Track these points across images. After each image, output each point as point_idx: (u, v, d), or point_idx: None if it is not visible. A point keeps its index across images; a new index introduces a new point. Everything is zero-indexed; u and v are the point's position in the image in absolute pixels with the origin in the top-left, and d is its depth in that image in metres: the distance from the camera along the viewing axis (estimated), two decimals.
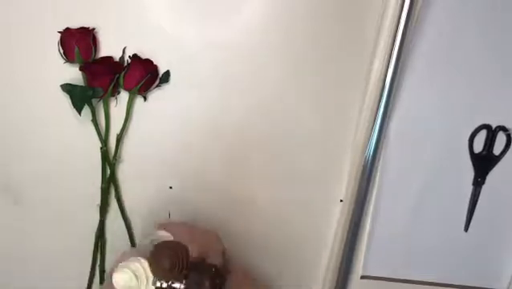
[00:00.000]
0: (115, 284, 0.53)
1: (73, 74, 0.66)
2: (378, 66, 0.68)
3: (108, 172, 0.72)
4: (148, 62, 0.66)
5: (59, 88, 0.65)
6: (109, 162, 0.71)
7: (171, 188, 0.75)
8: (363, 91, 0.71)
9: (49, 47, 0.65)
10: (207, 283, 0.53)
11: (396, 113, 0.71)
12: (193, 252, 0.56)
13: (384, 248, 0.78)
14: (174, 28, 0.66)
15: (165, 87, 0.69)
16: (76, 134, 0.70)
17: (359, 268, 0.79)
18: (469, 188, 0.76)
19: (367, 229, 0.77)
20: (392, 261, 0.79)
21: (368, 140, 0.71)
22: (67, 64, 0.65)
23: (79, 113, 0.65)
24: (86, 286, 0.78)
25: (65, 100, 0.67)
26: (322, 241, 0.80)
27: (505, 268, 0.81)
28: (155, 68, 0.67)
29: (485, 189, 0.76)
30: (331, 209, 0.78)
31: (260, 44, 0.68)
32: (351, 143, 0.73)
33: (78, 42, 0.63)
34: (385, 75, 0.67)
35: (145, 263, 0.54)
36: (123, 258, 0.56)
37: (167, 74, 0.68)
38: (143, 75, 0.66)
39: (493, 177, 0.75)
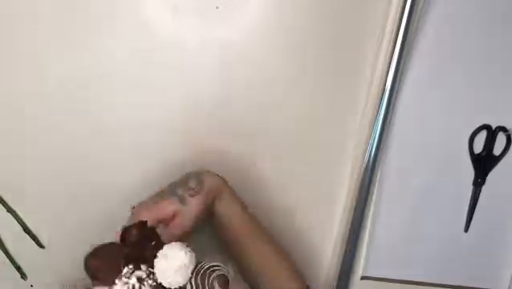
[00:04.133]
0: None
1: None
2: (379, 66, 0.69)
3: None
4: None
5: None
6: None
7: None
8: (364, 92, 0.71)
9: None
10: None
11: (396, 113, 0.71)
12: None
13: (384, 249, 0.78)
14: (174, 28, 0.66)
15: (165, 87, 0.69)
16: None
17: (359, 269, 0.79)
18: (469, 188, 0.76)
19: (368, 229, 0.77)
20: (393, 261, 0.79)
21: (369, 140, 0.71)
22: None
23: None
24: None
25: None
26: (322, 241, 0.80)
27: (506, 269, 0.81)
28: None
29: (485, 189, 0.76)
30: (331, 209, 0.78)
31: (261, 44, 0.68)
32: (352, 143, 0.74)
33: None
34: (386, 77, 0.68)
35: None
36: None
37: None
38: None
39: (494, 177, 0.75)
